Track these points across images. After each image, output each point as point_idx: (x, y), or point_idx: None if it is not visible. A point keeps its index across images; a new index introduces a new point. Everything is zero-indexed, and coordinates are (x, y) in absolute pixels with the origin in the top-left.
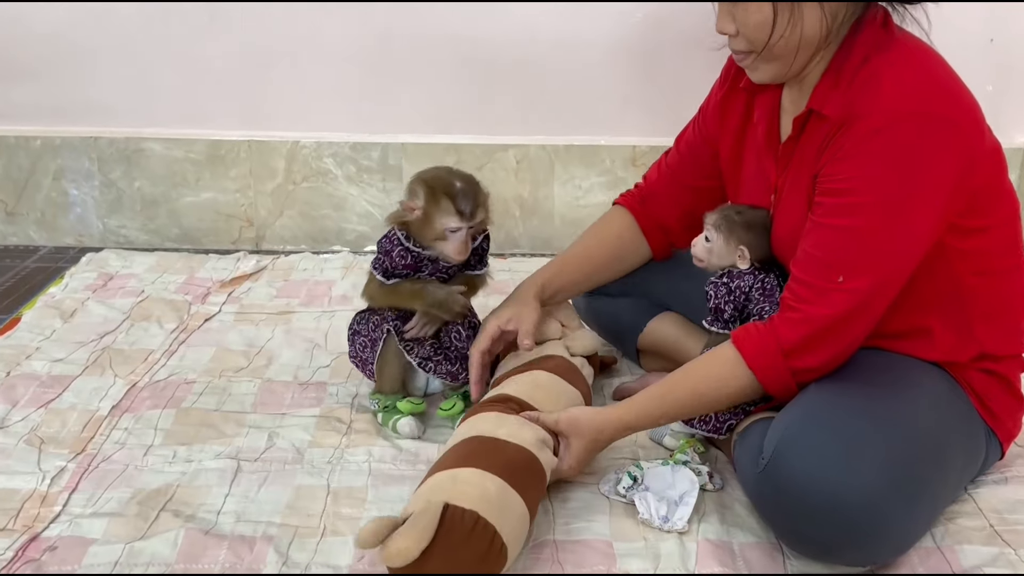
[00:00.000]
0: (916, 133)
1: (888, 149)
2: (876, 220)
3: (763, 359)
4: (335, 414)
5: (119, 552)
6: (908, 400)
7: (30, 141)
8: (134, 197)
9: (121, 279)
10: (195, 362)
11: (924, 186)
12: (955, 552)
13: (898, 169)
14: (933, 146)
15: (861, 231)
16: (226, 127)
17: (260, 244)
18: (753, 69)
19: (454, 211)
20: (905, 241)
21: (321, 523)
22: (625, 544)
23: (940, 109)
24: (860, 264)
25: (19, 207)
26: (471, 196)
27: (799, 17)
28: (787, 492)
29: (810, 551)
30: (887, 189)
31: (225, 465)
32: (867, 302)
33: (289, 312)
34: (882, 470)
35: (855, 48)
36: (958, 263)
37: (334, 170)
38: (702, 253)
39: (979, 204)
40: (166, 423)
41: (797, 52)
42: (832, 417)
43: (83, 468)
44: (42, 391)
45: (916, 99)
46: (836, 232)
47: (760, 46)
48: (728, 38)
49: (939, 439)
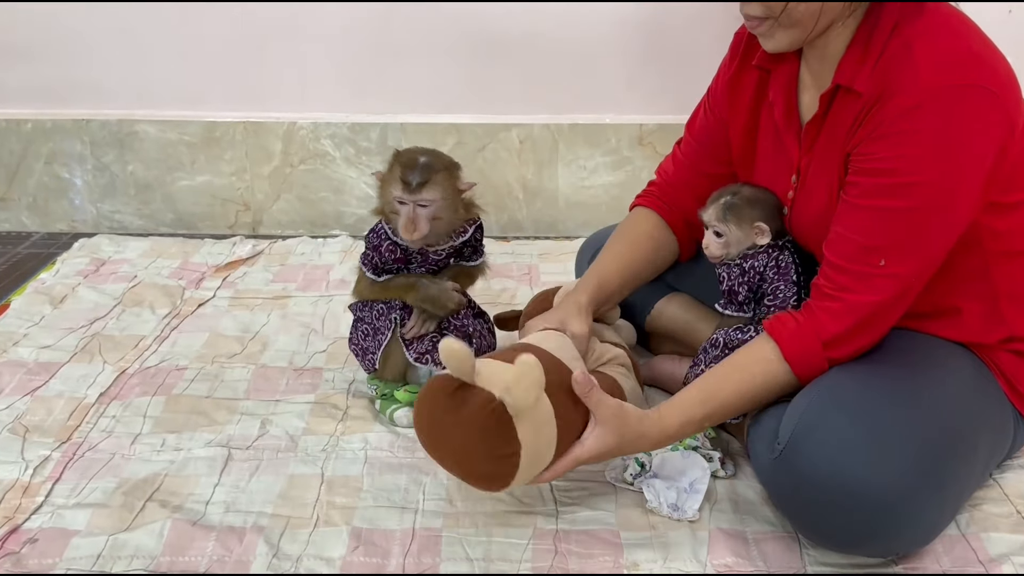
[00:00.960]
0: (956, 107)
1: (929, 126)
2: (919, 200)
3: (804, 356)
4: (331, 400)
5: (102, 544)
6: (934, 382)
7: (20, 124)
8: (128, 181)
9: (113, 264)
10: (187, 348)
11: (967, 162)
12: (980, 540)
13: (940, 146)
14: (973, 119)
15: (904, 212)
16: (221, 108)
17: (257, 229)
18: (768, 36)
19: (400, 180)
20: (948, 221)
21: (314, 513)
22: (633, 534)
23: (978, 79)
24: (904, 247)
25: (10, 192)
26: (421, 170)
27: None
28: (805, 480)
29: (828, 542)
30: (930, 168)
31: (215, 453)
32: (910, 286)
33: (285, 297)
34: (908, 457)
35: (883, 16)
36: (987, 242)
37: (332, 152)
38: (718, 250)
39: (1012, 177)
40: (155, 410)
41: (819, 17)
42: (854, 400)
43: (68, 457)
44: (28, 378)
45: (953, 71)
46: (877, 214)
47: (778, 10)
48: (741, 3)
49: (966, 423)
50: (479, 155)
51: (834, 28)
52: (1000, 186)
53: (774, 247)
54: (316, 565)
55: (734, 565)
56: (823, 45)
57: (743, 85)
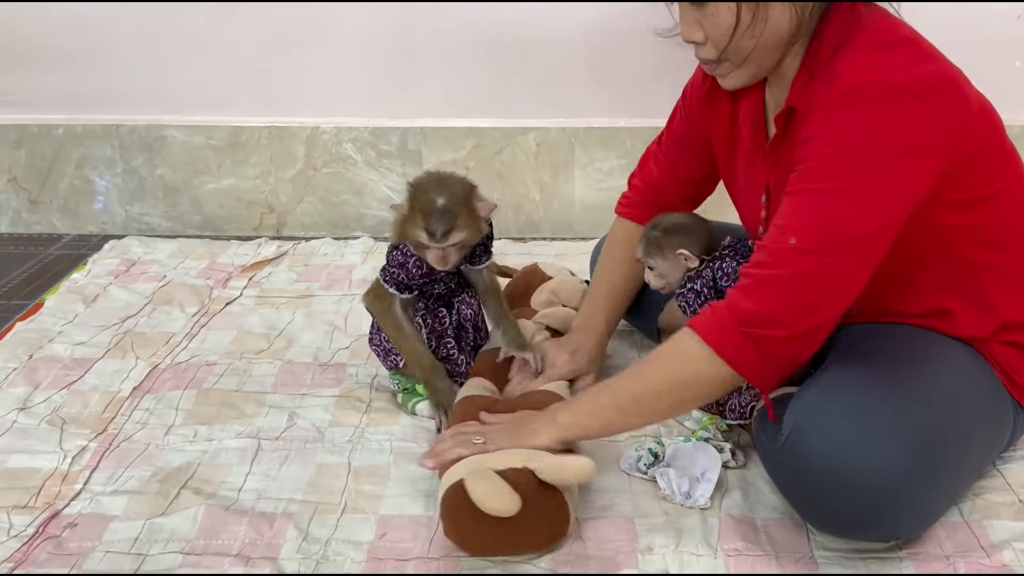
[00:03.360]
0: (871, 104)
1: (845, 123)
2: (828, 183)
3: (720, 333)
4: (355, 394)
5: (139, 528)
6: (930, 374)
7: (52, 130)
8: (156, 184)
9: (143, 265)
10: (216, 345)
11: (882, 154)
12: (983, 527)
13: (853, 137)
14: (887, 113)
15: (811, 193)
16: (246, 113)
17: (281, 231)
18: (724, 76)
19: (424, 230)
20: (862, 208)
21: (342, 500)
22: (646, 520)
23: (898, 80)
24: (810, 225)
25: (42, 195)
26: (445, 218)
27: (764, 16)
28: (807, 468)
29: (831, 527)
30: (842, 155)
31: (246, 444)
32: (821, 265)
33: (309, 296)
34: (904, 445)
35: (824, 39)
36: (962, 240)
37: (354, 155)
38: (656, 282)
39: (973, 171)
40: (187, 403)
41: (765, 52)
42: (853, 392)
43: (104, 447)
44: (64, 373)
45: (871, 73)
46: (791, 197)
47: (729, 52)
48: (695, 47)
49: (962, 413)
50: (497, 158)
51: (787, 57)
52: (963, 184)
53: (714, 259)
54: (345, 549)
55: (743, 549)
56: (780, 72)
57: (718, 104)
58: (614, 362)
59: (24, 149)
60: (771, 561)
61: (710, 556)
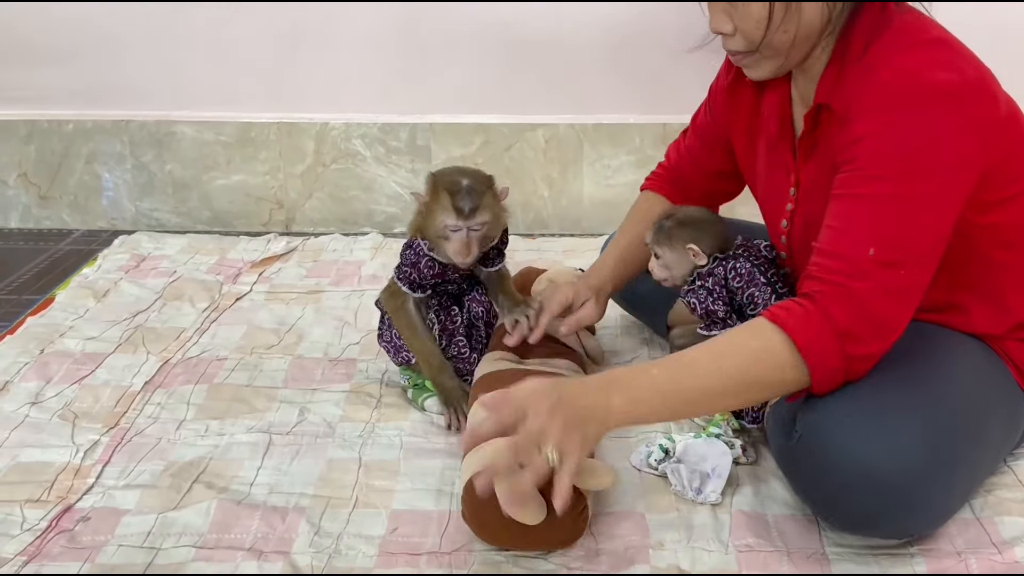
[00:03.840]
0: (919, 110)
1: (900, 127)
2: (891, 187)
3: (820, 346)
4: (365, 389)
5: (152, 522)
6: (945, 371)
7: (62, 125)
8: (165, 180)
9: (153, 260)
10: (227, 340)
11: (935, 160)
12: (995, 524)
13: (907, 144)
14: (937, 121)
15: (876, 199)
16: (256, 109)
17: (290, 226)
18: (751, 67)
19: (451, 208)
20: (927, 213)
21: (353, 495)
22: (658, 516)
23: (939, 85)
24: (888, 235)
25: (52, 191)
26: (472, 195)
27: (797, 9)
28: (821, 465)
29: (845, 524)
30: (901, 159)
31: (257, 439)
32: (906, 278)
33: (319, 291)
34: (919, 442)
35: (854, 35)
36: (980, 238)
37: (363, 151)
38: (661, 272)
39: (999, 175)
40: (198, 398)
41: (797, 46)
42: (867, 389)
43: (116, 442)
44: (75, 368)
45: (913, 74)
46: (850, 201)
47: (758, 44)
48: (723, 38)
49: (977, 410)
50: (506, 154)
51: (815, 50)
52: (989, 186)
53: (727, 258)
54: (356, 543)
55: (755, 545)
56: (807, 66)
57: (741, 96)
58: (622, 358)
59: (34, 145)
60: (782, 557)
61: (721, 552)
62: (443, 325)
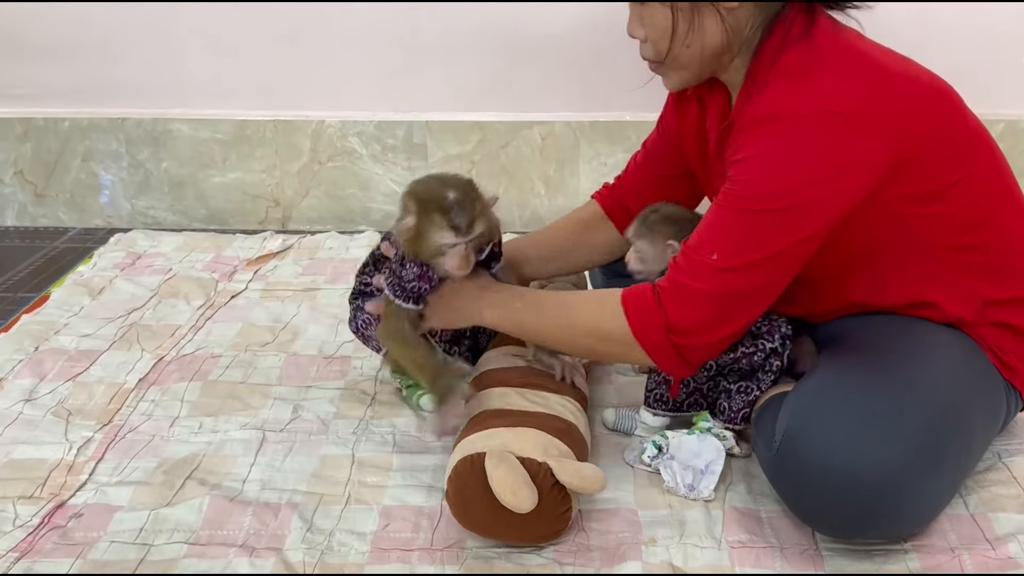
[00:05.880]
0: (793, 132)
1: (769, 148)
2: (750, 204)
3: (647, 331)
4: (359, 387)
5: (144, 519)
6: (922, 364)
7: (58, 123)
8: (162, 178)
9: (149, 258)
10: (221, 337)
11: (802, 181)
12: (988, 520)
13: (776, 164)
14: (809, 141)
15: (734, 211)
16: (252, 107)
17: (286, 224)
18: (662, 76)
19: (448, 227)
20: (781, 229)
21: (346, 491)
22: (650, 512)
23: (820, 105)
24: (730, 243)
25: (48, 189)
26: (466, 208)
27: (699, 26)
28: (803, 473)
29: (835, 531)
30: (764, 181)
31: (251, 436)
32: (739, 281)
33: (315, 289)
34: (900, 441)
35: (764, 54)
36: (934, 229)
37: (359, 149)
38: (636, 264)
39: (934, 165)
40: (192, 395)
41: (704, 62)
42: (844, 390)
43: (109, 438)
44: (70, 365)
45: (794, 97)
46: (717, 211)
47: (663, 56)
48: (639, 44)
49: (958, 401)
50: (502, 152)
51: (733, 64)
52: (913, 179)
53: None
54: (349, 539)
55: (748, 541)
56: (729, 80)
57: (687, 109)
58: None
59: (30, 142)
60: (775, 553)
61: (714, 548)
62: (445, 332)
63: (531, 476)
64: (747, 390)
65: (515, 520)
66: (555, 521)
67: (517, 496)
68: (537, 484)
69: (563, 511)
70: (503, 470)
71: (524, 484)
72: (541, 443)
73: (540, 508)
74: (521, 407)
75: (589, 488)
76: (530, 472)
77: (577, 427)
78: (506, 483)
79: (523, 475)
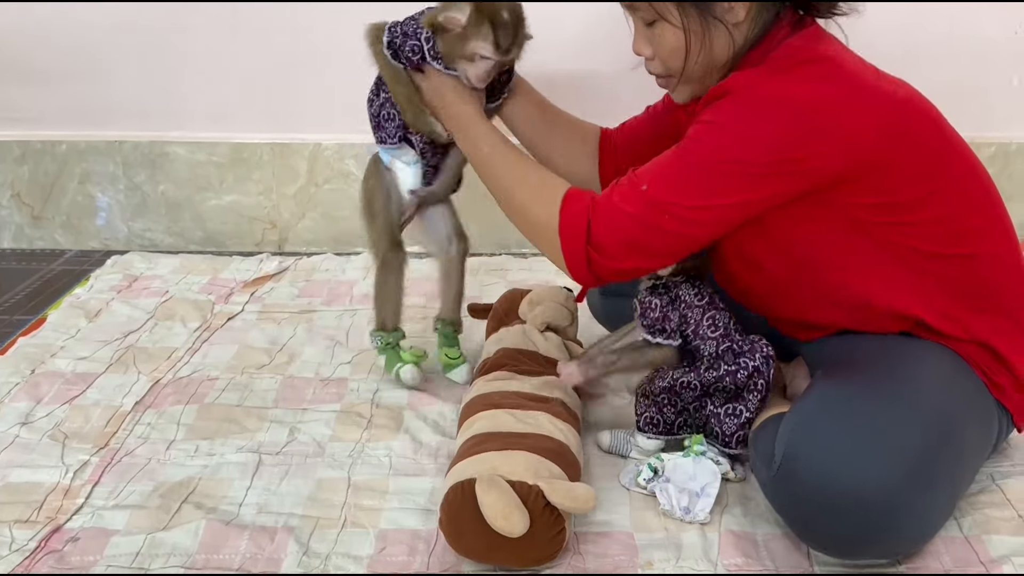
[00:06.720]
0: (748, 108)
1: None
2: (693, 155)
3: (571, 233)
4: (356, 409)
5: (140, 543)
6: (916, 382)
7: (56, 146)
8: (158, 200)
9: (146, 280)
10: (218, 359)
11: (738, 155)
12: (982, 542)
13: (720, 129)
14: (760, 127)
15: (678, 154)
16: (249, 130)
17: (283, 246)
18: (672, 91)
19: (492, 40)
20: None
21: (342, 515)
22: (646, 535)
23: (790, 95)
24: (664, 180)
25: (45, 211)
26: (512, 29)
27: (709, 43)
28: (801, 493)
29: (832, 550)
30: (706, 139)
31: (247, 459)
32: (660, 220)
33: (311, 311)
34: (896, 460)
35: (748, 61)
36: (910, 238)
37: (356, 172)
38: None
39: (888, 181)
40: (188, 418)
41: (709, 73)
42: (840, 409)
43: (106, 462)
44: (66, 388)
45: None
46: (665, 153)
47: (676, 71)
48: (645, 61)
49: (951, 420)
50: None
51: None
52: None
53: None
54: (345, 563)
55: (743, 565)
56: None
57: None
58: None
59: (27, 165)
60: None
61: (710, 571)
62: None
63: (522, 499)
64: (736, 412)
65: (509, 544)
66: (549, 543)
67: (509, 521)
68: (528, 507)
69: (556, 532)
70: (493, 495)
71: (515, 508)
72: (532, 465)
73: (533, 531)
74: (512, 429)
75: (581, 508)
76: (521, 495)
77: (569, 447)
78: (497, 508)
79: (514, 499)
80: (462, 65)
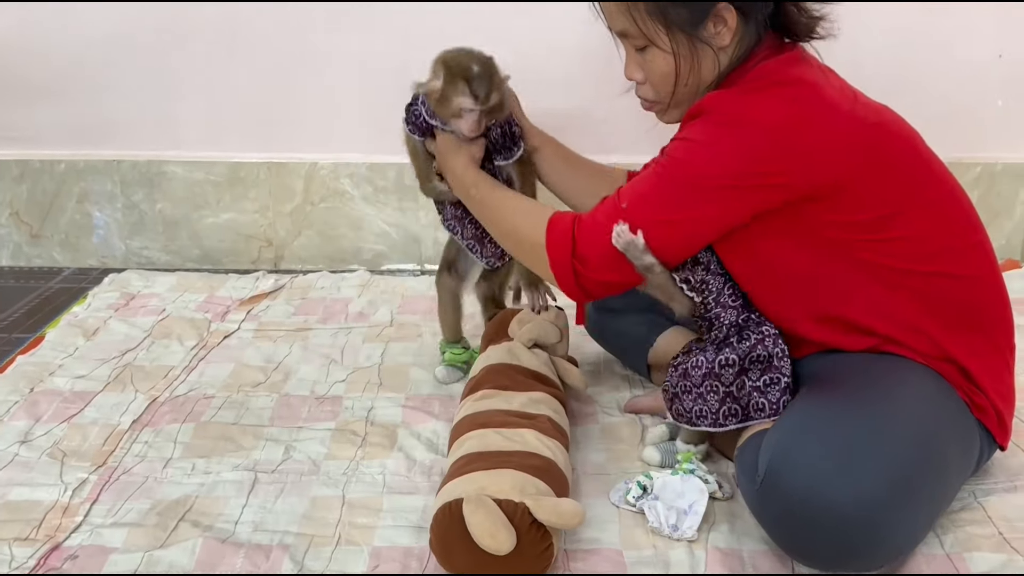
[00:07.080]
0: (717, 129)
1: (694, 133)
2: (662, 170)
3: (558, 254)
4: (351, 427)
5: (138, 561)
6: (899, 398)
7: (54, 165)
8: (156, 219)
9: (143, 298)
10: (214, 378)
11: (708, 171)
12: (963, 559)
13: (691, 147)
14: (727, 145)
15: (654, 173)
16: (246, 149)
17: (279, 264)
18: (662, 113)
19: (469, 93)
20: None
21: (336, 532)
22: (635, 552)
23: (752, 116)
24: (640, 198)
25: (43, 230)
26: (486, 80)
27: (698, 64)
28: (785, 506)
29: (815, 563)
30: (679, 156)
31: (243, 477)
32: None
33: (306, 329)
34: (877, 475)
35: (731, 79)
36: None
37: (351, 190)
38: None
39: (854, 199)
40: (185, 437)
41: (696, 95)
42: (822, 425)
43: (104, 480)
44: (65, 406)
45: (726, 103)
46: (643, 172)
47: (667, 95)
48: (635, 85)
49: (932, 437)
50: None
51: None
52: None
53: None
54: None
55: None
56: None
57: None
58: (603, 394)
59: (26, 184)
60: None
61: None
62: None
63: (509, 517)
64: (775, 380)
65: (498, 562)
66: (537, 560)
67: (496, 539)
68: (515, 524)
69: (544, 549)
70: (480, 515)
71: (502, 527)
72: (518, 483)
73: (520, 548)
74: (500, 447)
75: (568, 524)
76: (507, 513)
77: (556, 463)
78: (484, 527)
79: (500, 518)
80: (453, 122)
